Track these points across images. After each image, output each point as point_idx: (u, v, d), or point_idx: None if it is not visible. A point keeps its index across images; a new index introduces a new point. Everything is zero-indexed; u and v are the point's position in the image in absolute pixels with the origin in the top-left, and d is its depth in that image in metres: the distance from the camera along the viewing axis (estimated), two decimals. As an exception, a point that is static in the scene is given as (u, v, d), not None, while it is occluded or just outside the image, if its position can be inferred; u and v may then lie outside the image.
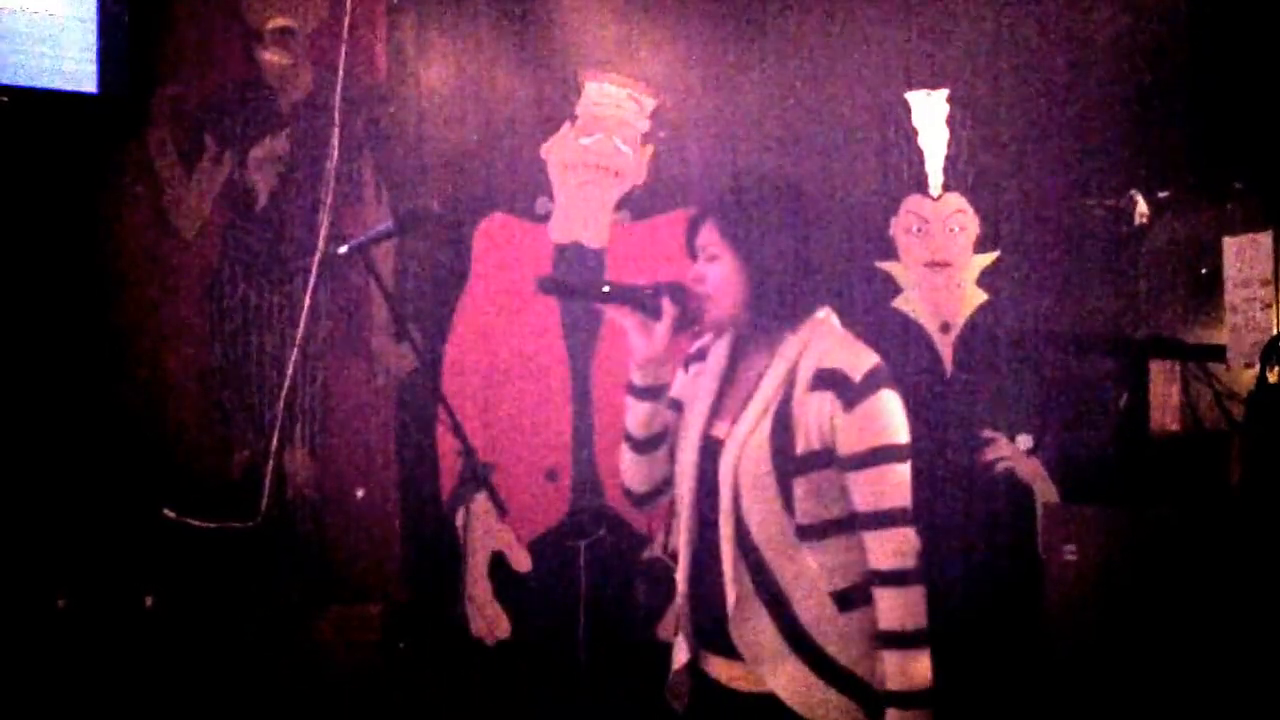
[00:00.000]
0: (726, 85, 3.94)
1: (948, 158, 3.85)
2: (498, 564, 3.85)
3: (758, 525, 2.32)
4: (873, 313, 3.86)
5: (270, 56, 3.88)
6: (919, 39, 3.88)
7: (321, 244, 3.79)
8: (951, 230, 3.84)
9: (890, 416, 2.31)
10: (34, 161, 3.68)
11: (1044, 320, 3.80)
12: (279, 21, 3.87)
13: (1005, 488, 3.79)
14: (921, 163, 3.86)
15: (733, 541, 2.33)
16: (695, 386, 2.47)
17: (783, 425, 2.31)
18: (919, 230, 3.85)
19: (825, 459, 2.29)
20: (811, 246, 2.38)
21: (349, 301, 3.87)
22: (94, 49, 3.65)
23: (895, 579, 2.28)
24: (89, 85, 3.65)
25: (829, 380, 2.30)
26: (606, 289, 2.45)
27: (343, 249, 3.11)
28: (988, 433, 3.82)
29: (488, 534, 3.82)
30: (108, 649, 3.53)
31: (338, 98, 3.81)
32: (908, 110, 3.87)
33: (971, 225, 3.84)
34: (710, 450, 2.39)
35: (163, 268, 3.84)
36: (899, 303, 3.88)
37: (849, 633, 2.30)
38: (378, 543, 3.87)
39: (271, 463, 3.78)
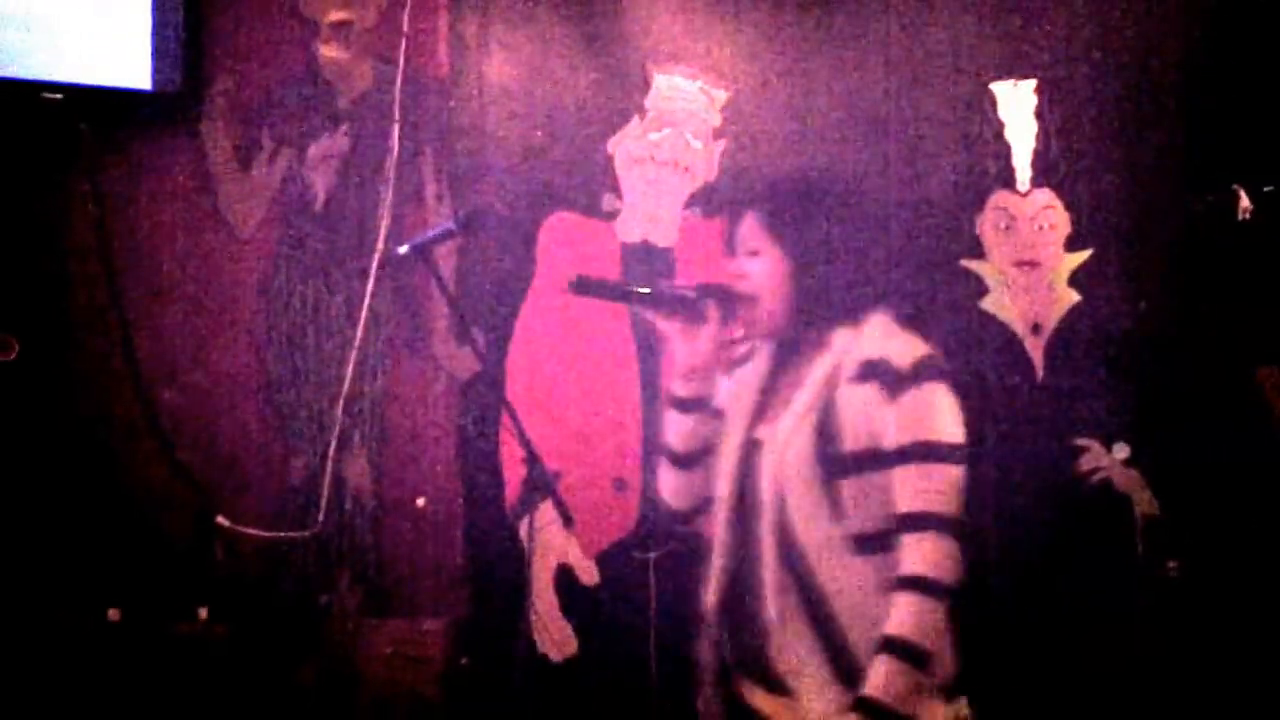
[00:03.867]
0: (801, 76, 3.78)
1: (1036, 151, 3.68)
2: (564, 577, 3.73)
3: (803, 533, 2.15)
4: (959, 314, 3.70)
5: (328, 51, 3.79)
6: (1003, 26, 3.71)
7: (381, 244, 3.72)
8: (1041, 227, 3.68)
9: (938, 410, 2.15)
10: (86, 159, 3.64)
11: (1140, 321, 3.62)
12: (337, 15, 3.79)
13: (1101, 499, 3.61)
14: (1008, 157, 3.70)
15: (775, 552, 2.17)
16: (738, 392, 2.33)
17: (827, 421, 2.16)
18: (1006, 227, 3.69)
19: (874, 457, 2.14)
20: (867, 242, 2.28)
21: (409, 304, 3.77)
22: (148, 44, 3.59)
23: (916, 585, 2.08)
24: (142, 81, 3.60)
25: (873, 370, 2.16)
26: (645, 291, 2.33)
27: (403, 249, 3.04)
28: (1082, 441, 3.64)
29: (553, 546, 3.70)
30: (161, 661, 3.45)
31: (398, 93, 3.74)
32: (993, 102, 3.71)
33: (1062, 222, 3.67)
34: (750, 454, 2.24)
35: (217, 268, 3.78)
36: (987, 303, 3.71)
37: None
38: (439, 554, 3.76)
39: (329, 470, 3.73)
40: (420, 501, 3.76)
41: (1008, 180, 3.70)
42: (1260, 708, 3.27)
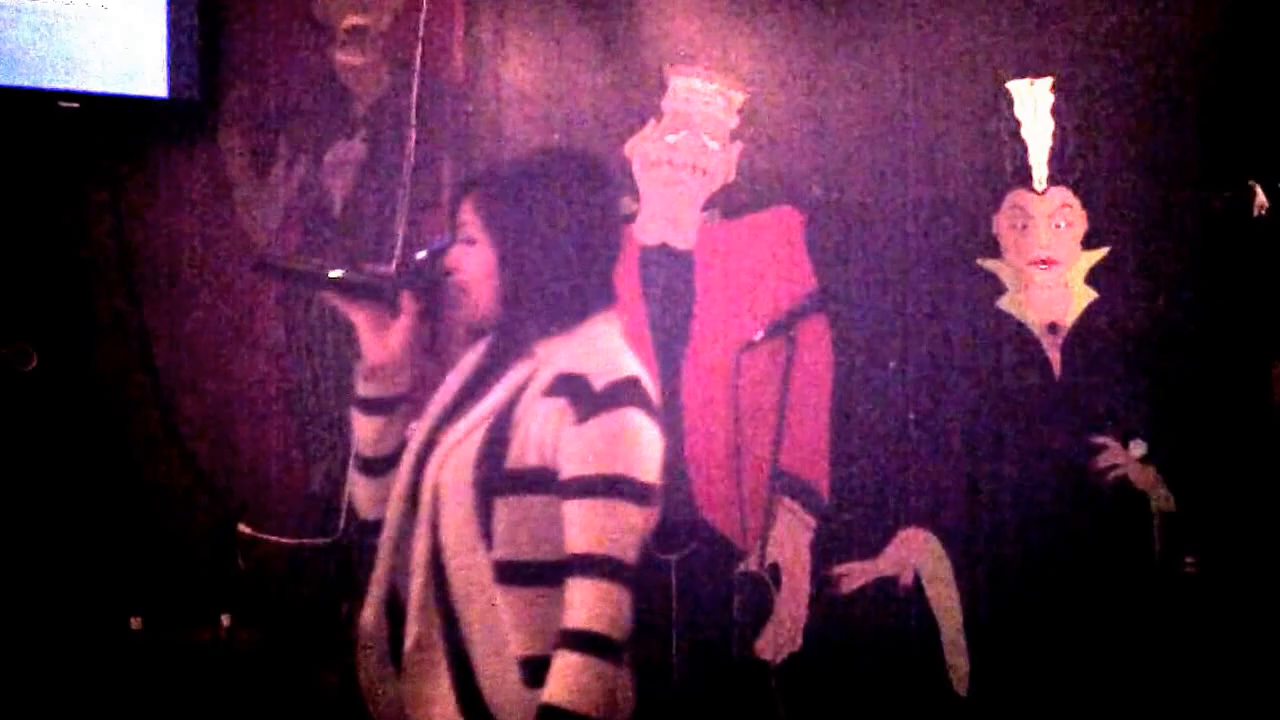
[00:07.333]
0: (817, 77, 3.78)
1: (1052, 149, 3.67)
2: (586, 580, 3.72)
3: (451, 552, 1.90)
4: (976, 313, 3.70)
5: (344, 57, 3.78)
6: (1020, 24, 3.69)
7: (399, 250, 3.70)
8: (1057, 226, 3.67)
9: (631, 442, 1.86)
10: (103, 168, 3.64)
11: (1158, 319, 3.61)
12: (353, 20, 3.77)
13: (1118, 496, 3.61)
14: (1025, 155, 3.68)
15: (425, 569, 1.92)
16: (443, 391, 2.07)
17: (499, 432, 1.90)
18: (1023, 226, 3.68)
19: (542, 481, 1.87)
20: (593, 239, 1.99)
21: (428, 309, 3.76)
22: (163, 52, 3.57)
23: (583, 644, 1.82)
24: (159, 90, 3.58)
25: (566, 386, 1.88)
26: (335, 274, 2.06)
27: (420, 255, 3.02)
28: (1099, 439, 3.63)
29: (575, 548, 3.68)
30: (183, 669, 3.44)
31: (414, 98, 3.72)
32: (1010, 100, 3.70)
33: (1079, 220, 3.67)
34: (426, 455, 1.98)
35: (236, 276, 3.75)
36: (1003, 303, 3.70)
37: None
38: (461, 558, 3.75)
39: (350, 477, 3.69)
40: (442, 506, 3.75)
41: (1024, 179, 3.69)
42: (1278, 704, 3.28)
